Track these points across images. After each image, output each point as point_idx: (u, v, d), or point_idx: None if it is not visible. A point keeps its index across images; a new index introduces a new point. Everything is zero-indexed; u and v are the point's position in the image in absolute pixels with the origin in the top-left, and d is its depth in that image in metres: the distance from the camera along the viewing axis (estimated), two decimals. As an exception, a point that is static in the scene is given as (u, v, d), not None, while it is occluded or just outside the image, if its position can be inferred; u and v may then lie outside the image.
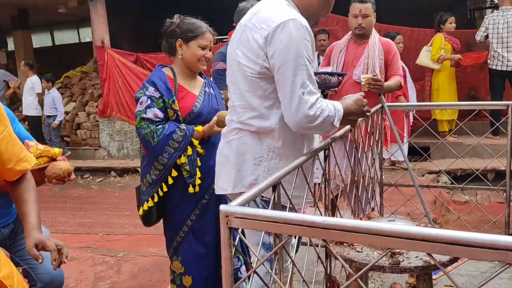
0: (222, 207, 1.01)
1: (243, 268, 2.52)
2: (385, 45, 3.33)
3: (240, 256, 2.46)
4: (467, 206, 5.04)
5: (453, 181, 5.39)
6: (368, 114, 1.87)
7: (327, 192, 1.83)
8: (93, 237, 4.51)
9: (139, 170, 2.73)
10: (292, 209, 1.56)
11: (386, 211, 3.36)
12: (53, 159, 2.02)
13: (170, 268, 2.55)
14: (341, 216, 2.10)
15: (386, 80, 3.28)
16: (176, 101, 2.30)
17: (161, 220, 2.55)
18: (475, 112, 3.34)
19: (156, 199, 2.35)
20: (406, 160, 3.07)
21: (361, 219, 1.87)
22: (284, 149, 1.73)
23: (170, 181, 2.32)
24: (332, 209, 2.02)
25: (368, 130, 2.81)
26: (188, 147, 2.30)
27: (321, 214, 1.79)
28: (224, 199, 2.07)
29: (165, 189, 2.32)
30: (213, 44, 2.42)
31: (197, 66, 2.37)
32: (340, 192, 2.43)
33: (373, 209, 2.01)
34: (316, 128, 1.66)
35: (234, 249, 1.02)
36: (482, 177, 3.52)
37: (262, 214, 0.96)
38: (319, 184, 2.18)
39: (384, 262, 1.54)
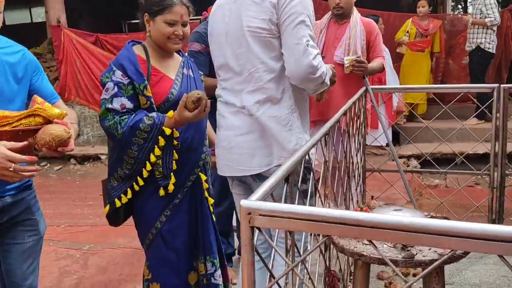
0: (244, 202, 0.84)
1: (218, 273, 2.20)
2: (367, 25, 3.22)
3: (215, 261, 2.18)
4: (437, 190, 5.09)
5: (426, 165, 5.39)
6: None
7: (328, 180, 1.69)
8: (55, 229, 4.21)
9: (101, 158, 2.52)
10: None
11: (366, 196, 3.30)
12: (49, 121, 1.57)
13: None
14: (323, 205, 1.98)
15: (368, 62, 3.17)
16: (148, 87, 1.93)
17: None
18: (460, 96, 3.27)
19: (129, 195, 2.02)
20: (391, 145, 2.98)
21: (361, 208, 1.75)
22: (298, 109, 1.91)
23: (145, 174, 1.97)
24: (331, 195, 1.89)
25: (353, 115, 2.72)
26: (160, 137, 1.92)
27: (322, 203, 1.65)
28: (199, 195, 2.11)
29: (141, 183, 1.98)
30: (188, 18, 2.00)
31: (168, 45, 1.99)
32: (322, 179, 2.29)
33: (372, 197, 1.89)
34: (314, 81, 1.82)
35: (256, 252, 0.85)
36: (465, 161, 3.47)
37: (298, 211, 0.80)
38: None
39: (397, 256, 1.42)
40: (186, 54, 2.85)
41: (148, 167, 1.95)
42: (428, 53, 6.32)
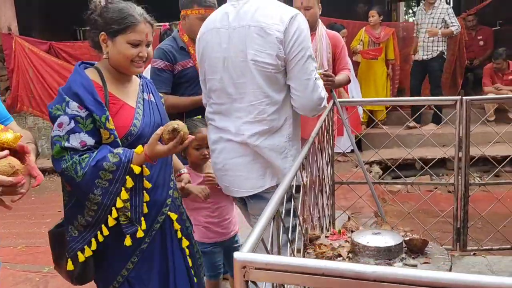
0: (238, 255, 0.79)
1: None
2: (332, 38, 3.22)
3: None
4: (400, 195, 5.19)
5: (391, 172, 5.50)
6: None
7: (309, 203, 1.67)
8: (12, 251, 3.98)
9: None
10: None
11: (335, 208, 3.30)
12: (2, 147, 1.34)
13: None
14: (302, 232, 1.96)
15: (334, 74, 3.18)
16: (110, 118, 1.67)
17: None
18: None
19: (94, 246, 1.71)
20: (359, 157, 3.00)
21: (339, 231, 1.73)
22: (294, 136, 1.97)
23: (111, 222, 1.67)
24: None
25: (323, 128, 2.72)
26: (128, 178, 1.64)
27: (301, 229, 1.62)
28: (170, 237, 1.87)
29: (105, 232, 1.68)
30: (152, 37, 1.77)
31: (130, 69, 1.73)
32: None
33: (349, 218, 1.88)
34: (322, 109, 1.98)
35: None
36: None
37: (295, 264, 0.75)
38: None
39: None
40: (149, 70, 2.75)
41: (114, 214, 1.66)
42: (383, 60, 6.46)
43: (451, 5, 10.85)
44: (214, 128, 2.04)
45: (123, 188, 1.63)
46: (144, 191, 1.71)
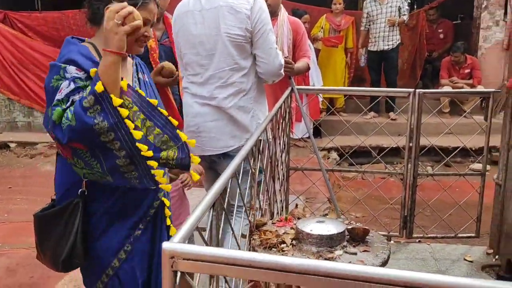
0: (166, 245, 0.79)
1: None
2: (293, 24, 3.24)
3: None
4: (354, 181, 5.32)
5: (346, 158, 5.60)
6: None
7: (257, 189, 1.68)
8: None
9: (11, 146, 2.16)
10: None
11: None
12: None
13: None
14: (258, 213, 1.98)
15: (294, 61, 3.19)
16: None
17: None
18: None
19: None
20: (314, 144, 3.04)
21: (286, 218, 1.76)
22: (259, 99, 2.36)
23: (144, 148, 1.48)
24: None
25: (279, 117, 2.74)
26: (113, 96, 1.44)
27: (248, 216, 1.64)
28: (160, 225, 1.73)
29: (154, 165, 1.53)
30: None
31: (133, 48, 1.61)
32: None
33: (296, 205, 1.91)
34: (280, 75, 2.36)
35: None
36: (379, 157, 3.64)
37: (224, 255, 0.76)
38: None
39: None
40: None
41: (138, 135, 1.47)
42: (342, 48, 6.50)
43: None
44: (189, 94, 2.35)
45: (118, 109, 1.46)
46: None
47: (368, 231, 1.63)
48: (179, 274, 0.79)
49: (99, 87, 1.42)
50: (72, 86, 1.47)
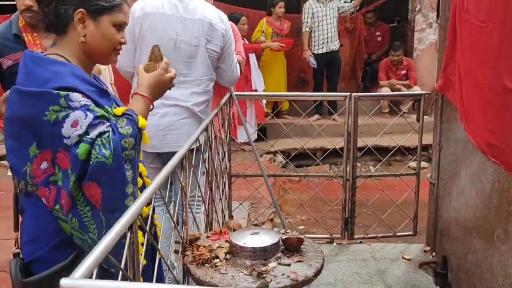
0: (64, 281, 0.74)
1: None
2: None
3: None
4: (300, 184, 5.37)
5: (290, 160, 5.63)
6: None
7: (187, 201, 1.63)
8: None
9: None
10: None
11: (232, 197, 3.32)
12: None
13: None
14: (197, 226, 1.94)
15: None
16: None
17: None
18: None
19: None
20: (254, 150, 3.02)
21: (221, 231, 1.72)
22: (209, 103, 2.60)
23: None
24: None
25: (220, 122, 2.72)
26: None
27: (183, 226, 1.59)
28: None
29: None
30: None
31: (110, 57, 1.45)
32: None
33: (232, 217, 1.87)
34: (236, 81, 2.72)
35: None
36: (319, 161, 3.67)
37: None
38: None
39: (252, 285, 1.42)
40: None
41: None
42: (283, 52, 6.48)
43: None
44: None
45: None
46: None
47: (302, 241, 1.62)
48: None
49: (142, 123, 1.32)
50: (91, 115, 1.25)
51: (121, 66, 2.44)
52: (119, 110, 1.33)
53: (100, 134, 1.25)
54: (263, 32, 6.23)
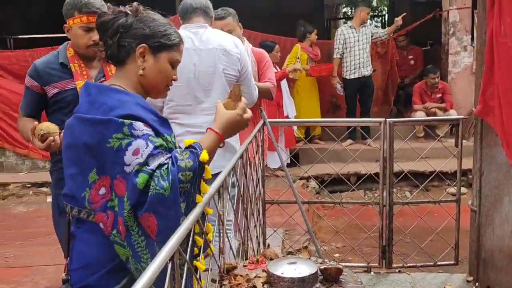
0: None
1: None
2: (257, 55, 3.36)
3: None
4: (334, 210, 5.29)
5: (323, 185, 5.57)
6: None
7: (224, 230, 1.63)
8: None
9: None
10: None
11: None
12: None
13: None
14: (234, 255, 1.93)
15: None
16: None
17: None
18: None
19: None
20: (288, 176, 3.01)
21: (257, 260, 1.71)
22: None
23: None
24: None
25: (250, 154, 2.73)
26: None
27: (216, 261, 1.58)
28: None
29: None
30: None
31: (162, 93, 1.52)
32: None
33: (268, 246, 1.86)
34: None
35: None
36: (353, 186, 3.61)
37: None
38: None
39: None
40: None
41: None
42: (315, 78, 6.48)
43: (386, 25, 11.38)
44: (178, 124, 2.54)
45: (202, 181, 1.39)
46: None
47: (341, 271, 1.59)
48: None
49: (203, 157, 1.33)
50: (151, 145, 1.29)
51: (152, 100, 2.50)
52: (187, 142, 1.38)
53: (160, 166, 1.27)
54: (298, 58, 6.21)
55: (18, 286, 3.35)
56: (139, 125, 1.30)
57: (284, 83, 5.86)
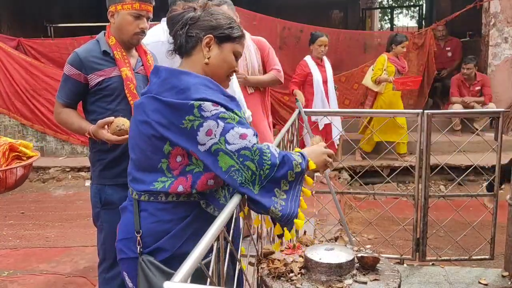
0: (167, 285, 0.79)
1: None
2: (258, 43, 3.39)
3: None
4: (366, 202, 5.27)
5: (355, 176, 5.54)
6: None
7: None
8: (-30, 254, 3.88)
9: None
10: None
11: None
12: None
13: None
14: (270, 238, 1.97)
15: None
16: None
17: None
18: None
19: None
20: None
21: (294, 246, 1.74)
22: None
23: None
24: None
25: (285, 141, 2.76)
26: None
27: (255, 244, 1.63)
28: None
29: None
30: None
31: (225, 81, 1.59)
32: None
33: (305, 232, 1.89)
34: None
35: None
36: (388, 178, 3.60)
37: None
38: None
39: (329, 300, 1.43)
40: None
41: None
42: (400, 92, 5.91)
43: (423, 17, 11.08)
44: None
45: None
46: None
47: (378, 260, 1.61)
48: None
49: (312, 164, 1.51)
50: (222, 124, 1.39)
51: None
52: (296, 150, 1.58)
53: (253, 147, 1.40)
54: (385, 70, 5.68)
55: (58, 265, 3.51)
56: (207, 105, 1.39)
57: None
